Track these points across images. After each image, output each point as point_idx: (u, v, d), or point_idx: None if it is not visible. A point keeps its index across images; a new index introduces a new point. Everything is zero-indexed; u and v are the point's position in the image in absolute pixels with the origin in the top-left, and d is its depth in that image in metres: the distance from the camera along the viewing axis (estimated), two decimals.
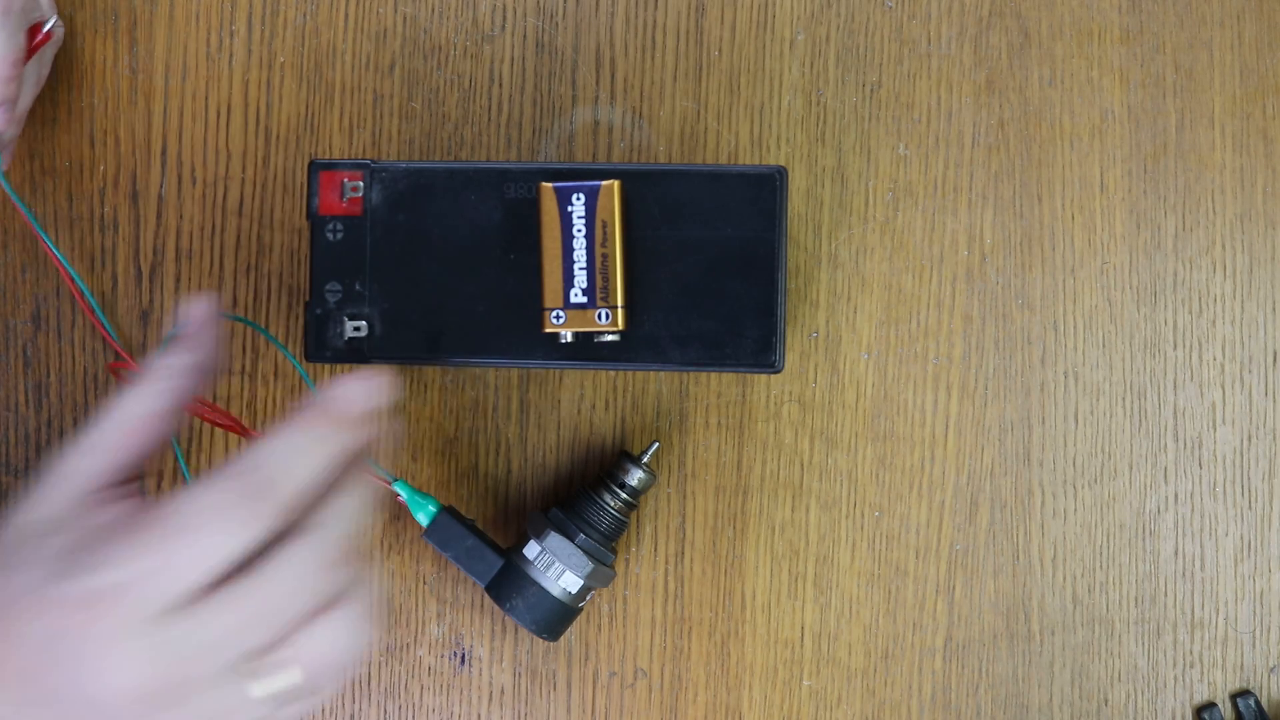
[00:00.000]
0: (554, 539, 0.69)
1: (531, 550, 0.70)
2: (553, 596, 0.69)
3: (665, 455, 0.74)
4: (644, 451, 0.72)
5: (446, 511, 0.70)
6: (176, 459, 0.74)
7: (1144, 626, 0.74)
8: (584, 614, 0.74)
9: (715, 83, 0.75)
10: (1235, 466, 0.74)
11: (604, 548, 0.70)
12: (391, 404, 0.55)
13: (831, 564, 0.74)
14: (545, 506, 0.73)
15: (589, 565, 0.69)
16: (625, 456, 0.71)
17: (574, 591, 0.69)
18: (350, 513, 0.54)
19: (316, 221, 0.67)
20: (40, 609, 0.51)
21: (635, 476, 0.71)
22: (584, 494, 0.71)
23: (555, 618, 0.70)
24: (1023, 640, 0.74)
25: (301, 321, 0.73)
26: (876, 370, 0.74)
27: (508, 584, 0.69)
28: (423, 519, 0.70)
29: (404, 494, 0.70)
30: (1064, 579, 0.74)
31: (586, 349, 0.66)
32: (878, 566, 0.74)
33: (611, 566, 0.71)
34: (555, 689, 0.74)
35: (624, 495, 0.71)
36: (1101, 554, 0.74)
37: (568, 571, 0.69)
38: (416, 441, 0.74)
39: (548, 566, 0.69)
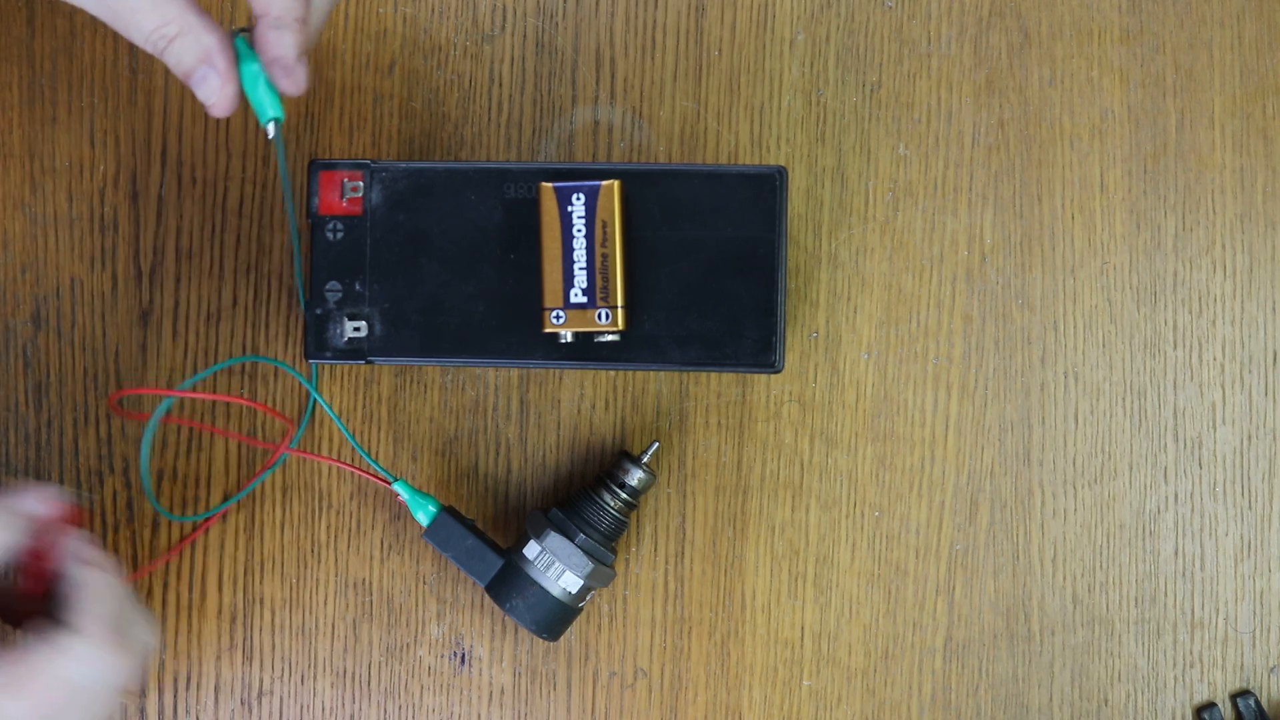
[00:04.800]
0: (554, 539, 0.69)
1: (531, 550, 0.70)
2: (553, 596, 0.69)
3: (665, 455, 0.74)
4: (644, 451, 0.72)
5: (446, 511, 0.70)
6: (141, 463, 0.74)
7: (1144, 626, 0.74)
8: (584, 614, 0.74)
9: (715, 83, 0.75)
10: (1235, 466, 0.74)
11: (604, 548, 0.70)
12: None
13: (831, 564, 0.74)
14: (545, 506, 0.73)
15: (589, 565, 0.69)
16: (625, 456, 0.71)
17: (574, 591, 0.69)
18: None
19: (317, 221, 0.67)
20: None
21: (635, 476, 0.71)
22: (584, 494, 0.71)
23: (555, 618, 0.70)
24: (1023, 640, 0.74)
25: (301, 321, 0.73)
26: (876, 370, 0.74)
27: (508, 584, 0.69)
28: (423, 519, 0.70)
29: (404, 494, 0.70)
30: (1064, 579, 0.74)
31: (586, 349, 0.66)
32: (878, 566, 0.74)
33: (611, 566, 0.71)
34: (555, 689, 0.74)
35: (624, 495, 0.71)
36: (1101, 554, 0.74)
37: (568, 571, 0.69)
38: (416, 441, 0.74)
39: (548, 566, 0.69)
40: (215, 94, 0.61)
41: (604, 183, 0.65)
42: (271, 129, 0.62)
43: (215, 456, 0.74)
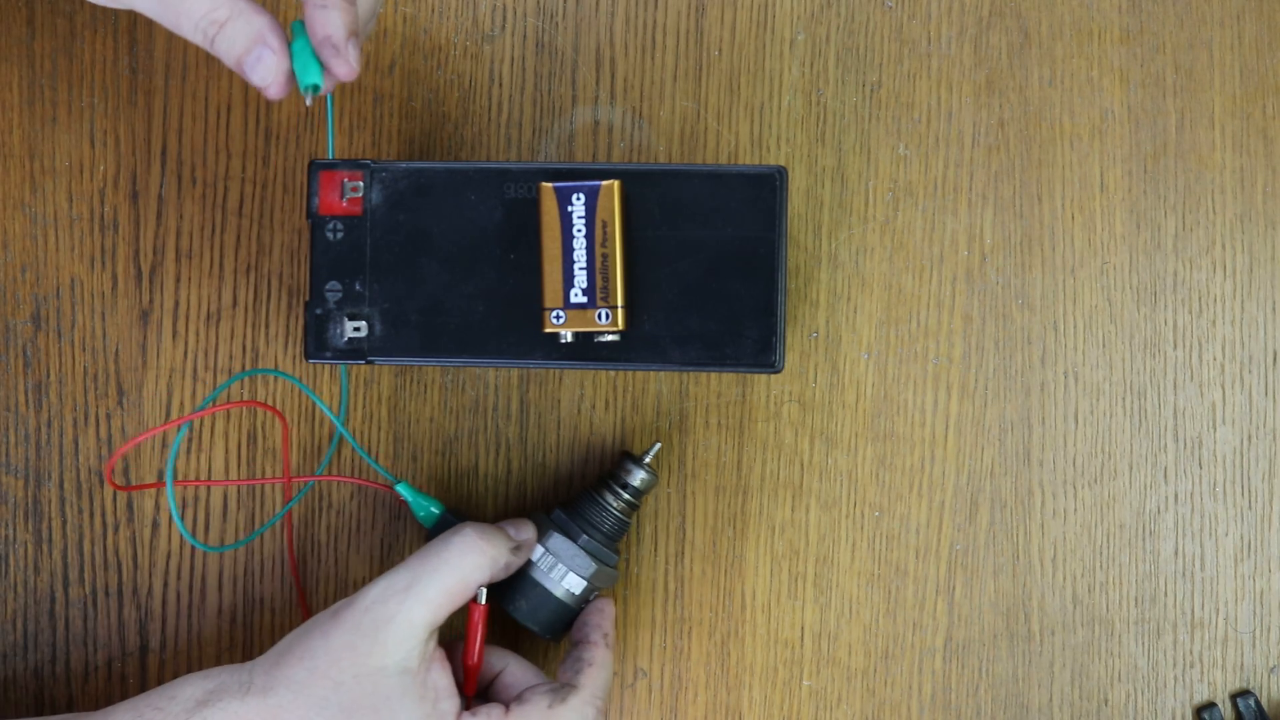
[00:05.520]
0: (557, 540, 0.69)
1: (535, 551, 0.69)
2: (556, 597, 0.69)
3: (665, 455, 0.74)
4: (646, 452, 0.72)
5: (450, 513, 0.70)
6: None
7: (1144, 626, 0.74)
8: None
9: (715, 83, 0.75)
10: (1235, 466, 0.74)
11: (607, 548, 0.70)
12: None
13: (831, 564, 0.74)
14: (547, 507, 0.73)
15: (592, 566, 0.69)
16: (627, 457, 0.71)
17: (577, 592, 0.69)
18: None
19: (316, 221, 0.67)
20: None
21: (638, 477, 0.71)
22: (586, 495, 0.71)
23: (558, 618, 0.69)
24: (1023, 640, 0.74)
25: (301, 321, 0.73)
26: (876, 370, 0.74)
27: (511, 585, 0.69)
28: (426, 520, 0.70)
29: (407, 496, 0.70)
30: (1064, 579, 0.74)
31: (586, 349, 0.66)
32: (878, 566, 0.74)
33: (615, 567, 0.71)
34: None
35: (626, 496, 0.71)
36: (1101, 554, 0.74)
37: (571, 573, 0.69)
38: (416, 441, 0.74)
39: (551, 568, 0.69)
40: (272, 73, 0.60)
41: (604, 183, 0.65)
42: (309, 97, 0.61)
43: (215, 457, 0.74)
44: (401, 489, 0.70)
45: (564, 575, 0.69)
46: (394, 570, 0.66)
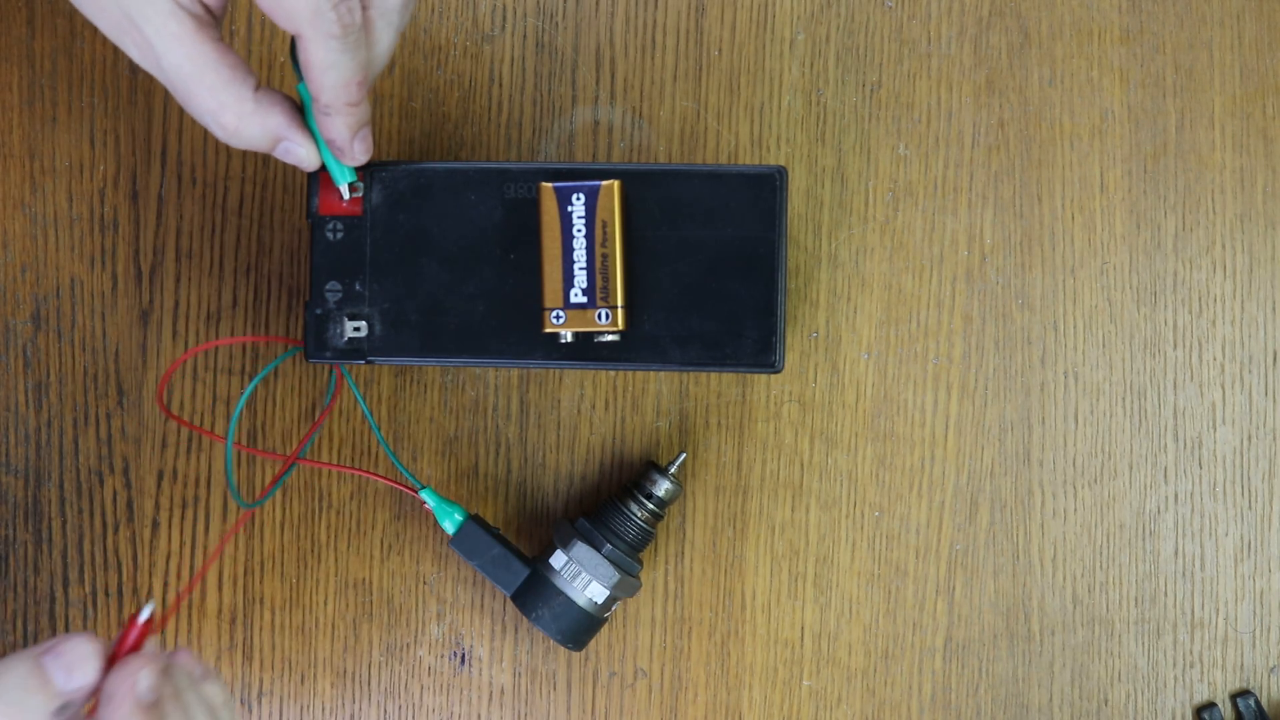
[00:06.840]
0: (580, 549, 0.69)
1: (558, 560, 0.69)
2: (579, 606, 0.69)
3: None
4: (671, 462, 0.72)
5: (473, 520, 0.70)
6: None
7: (1144, 626, 0.74)
8: None
9: (715, 83, 0.75)
10: (1235, 466, 0.74)
11: (630, 558, 0.70)
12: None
13: (831, 564, 0.74)
14: (554, 510, 0.73)
15: (615, 576, 0.69)
16: (653, 467, 0.71)
17: (600, 602, 0.69)
18: None
19: (317, 221, 0.67)
20: None
21: (662, 487, 0.71)
22: (611, 504, 0.70)
23: (581, 628, 0.69)
24: (1023, 640, 0.74)
25: (301, 321, 0.73)
26: (876, 370, 0.74)
27: (534, 594, 0.69)
28: (449, 527, 0.70)
29: (431, 502, 0.70)
30: (1064, 579, 0.74)
31: (586, 349, 0.66)
32: (878, 566, 0.74)
33: (637, 577, 0.71)
34: (555, 689, 0.74)
35: (651, 505, 0.71)
36: (1101, 554, 0.74)
37: (594, 582, 0.69)
38: (417, 441, 0.74)
39: (574, 576, 0.69)
40: (304, 160, 0.63)
41: (604, 183, 0.65)
42: (346, 191, 0.65)
43: (215, 457, 0.74)
44: (426, 495, 0.70)
45: (587, 584, 0.69)
46: None
